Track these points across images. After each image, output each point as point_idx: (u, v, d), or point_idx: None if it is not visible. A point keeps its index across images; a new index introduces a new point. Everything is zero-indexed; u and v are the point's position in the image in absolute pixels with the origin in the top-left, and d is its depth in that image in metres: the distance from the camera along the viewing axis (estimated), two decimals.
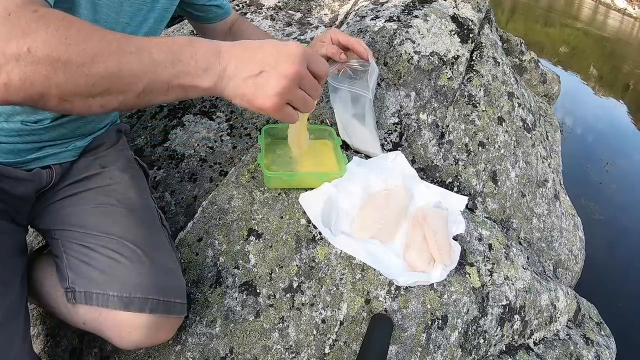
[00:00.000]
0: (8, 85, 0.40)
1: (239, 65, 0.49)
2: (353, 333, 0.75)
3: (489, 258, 0.90)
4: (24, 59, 0.40)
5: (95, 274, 0.61)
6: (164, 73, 0.46)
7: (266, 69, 0.49)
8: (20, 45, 0.40)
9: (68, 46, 0.41)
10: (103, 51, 0.43)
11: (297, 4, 1.47)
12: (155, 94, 0.47)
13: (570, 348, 1.01)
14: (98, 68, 0.42)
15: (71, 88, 0.42)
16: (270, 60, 0.49)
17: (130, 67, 0.44)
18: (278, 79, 0.49)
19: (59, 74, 0.41)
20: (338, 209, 0.82)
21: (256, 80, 0.49)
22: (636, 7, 12.03)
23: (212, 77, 0.48)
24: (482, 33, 1.33)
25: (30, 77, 0.40)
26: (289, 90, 0.50)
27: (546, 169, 1.31)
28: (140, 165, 0.79)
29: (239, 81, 0.49)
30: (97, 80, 0.43)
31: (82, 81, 0.42)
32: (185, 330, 0.70)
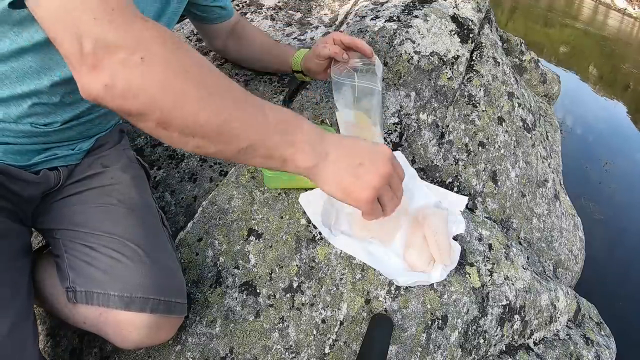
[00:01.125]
0: (109, 88, 0.37)
1: (340, 153, 0.50)
2: (353, 333, 0.75)
3: (489, 258, 0.90)
4: (135, 68, 0.37)
5: (97, 274, 0.61)
6: (272, 138, 0.44)
7: (365, 163, 0.50)
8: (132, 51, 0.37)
9: (186, 73, 0.38)
10: (220, 93, 0.40)
11: (297, 4, 1.47)
12: (254, 157, 0.45)
13: (570, 348, 1.01)
14: (212, 108, 0.39)
15: (175, 118, 0.39)
16: (369, 156, 0.50)
17: (243, 119, 0.42)
18: (375, 174, 0.50)
19: (168, 97, 0.38)
20: (338, 209, 0.82)
21: (356, 171, 0.49)
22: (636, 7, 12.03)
23: (314, 156, 0.48)
24: (482, 33, 1.33)
25: (136, 88, 0.37)
26: (383, 186, 0.51)
27: (546, 169, 1.31)
28: (141, 165, 0.79)
29: (339, 169, 0.49)
30: (206, 121, 0.39)
31: (190, 116, 0.39)
32: (185, 330, 0.70)
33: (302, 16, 1.41)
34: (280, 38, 1.26)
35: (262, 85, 1.10)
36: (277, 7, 1.43)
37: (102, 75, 0.37)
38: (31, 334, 0.56)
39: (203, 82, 0.40)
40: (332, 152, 0.49)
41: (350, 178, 0.49)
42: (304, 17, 1.40)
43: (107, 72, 0.37)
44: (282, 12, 1.40)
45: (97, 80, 0.37)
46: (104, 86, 0.37)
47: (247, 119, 0.42)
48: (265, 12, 1.39)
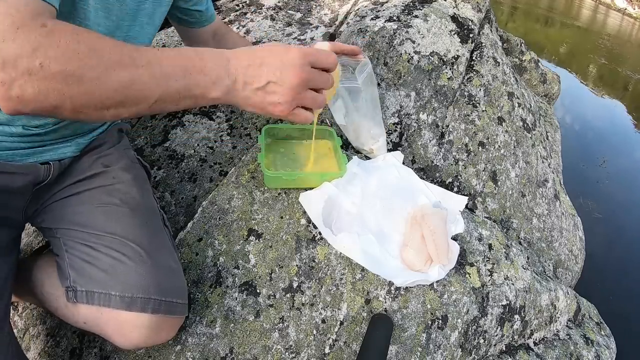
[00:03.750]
0: (21, 98, 0.42)
1: (247, 79, 0.51)
2: (353, 333, 0.75)
3: (489, 258, 0.90)
4: (36, 74, 0.41)
5: (98, 274, 0.61)
6: (174, 85, 0.47)
7: (272, 80, 0.51)
8: (31, 60, 0.41)
9: (80, 61, 0.42)
10: (115, 65, 0.44)
11: (297, 4, 1.47)
12: (167, 104, 0.49)
13: (570, 348, 1.01)
14: (111, 82, 0.44)
15: (85, 101, 0.44)
16: (276, 72, 0.51)
17: (142, 80, 0.45)
18: (284, 90, 0.52)
19: (72, 87, 0.42)
20: (339, 209, 0.82)
21: (264, 92, 0.52)
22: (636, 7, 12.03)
23: (221, 88, 0.50)
24: (482, 33, 1.33)
25: (43, 91, 0.42)
26: (295, 97, 0.53)
27: (546, 169, 1.31)
28: (142, 165, 0.80)
29: (248, 93, 0.52)
30: (111, 94, 0.44)
31: (95, 94, 0.44)
32: (185, 330, 0.70)
33: (302, 16, 1.41)
34: (280, 38, 1.26)
35: None
36: (277, 7, 1.43)
37: (13, 89, 0.41)
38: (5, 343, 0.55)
39: (98, 62, 0.44)
40: (240, 78, 0.51)
41: (260, 98, 0.53)
42: (304, 17, 1.40)
43: (16, 85, 0.41)
44: (282, 12, 1.40)
45: (9, 95, 0.41)
46: (17, 98, 0.41)
47: (147, 79, 0.46)
48: (265, 12, 1.39)
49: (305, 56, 0.53)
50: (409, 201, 0.87)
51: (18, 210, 0.66)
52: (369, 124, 0.93)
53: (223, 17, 1.37)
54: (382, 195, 0.85)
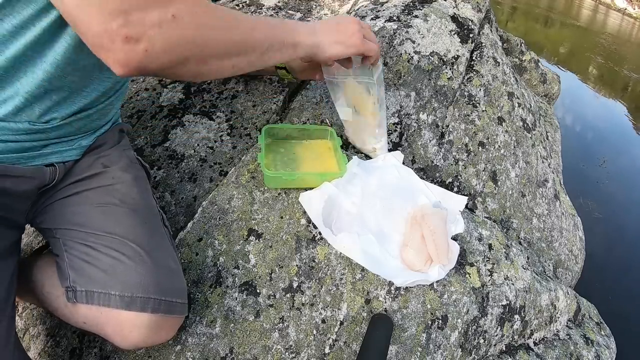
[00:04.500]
0: (149, 51, 0.43)
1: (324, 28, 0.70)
2: (353, 333, 0.75)
3: (489, 258, 0.90)
4: (169, 25, 0.43)
5: (97, 273, 0.61)
6: (281, 35, 0.62)
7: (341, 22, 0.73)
8: (163, 12, 0.43)
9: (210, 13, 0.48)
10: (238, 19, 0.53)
11: (297, 4, 1.47)
12: (274, 52, 0.61)
13: (570, 348, 1.01)
14: (237, 31, 0.52)
15: (213, 49, 0.50)
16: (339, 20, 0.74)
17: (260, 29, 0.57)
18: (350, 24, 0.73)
19: (204, 35, 0.47)
20: (339, 209, 0.82)
21: (338, 30, 0.71)
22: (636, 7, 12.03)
23: (312, 35, 0.68)
24: (482, 33, 1.33)
25: (175, 41, 0.45)
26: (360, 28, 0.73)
27: (546, 169, 1.31)
28: (142, 166, 0.79)
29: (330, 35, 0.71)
30: (238, 40, 0.53)
31: (221, 44, 0.51)
32: (185, 330, 0.70)
33: (302, 16, 1.41)
34: None
35: (262, 85, 1.10)
36: (277, 7, 1.43)
37: (140, 43, 0.42)
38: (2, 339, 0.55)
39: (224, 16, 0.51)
40: (319, 30, 0.69)
41: (339, 35, 0.71)
42: (304, 17, 1.40)
43: (143, 38, 0.42)
44: (282, 12, 1.40)
45: (135, 50, 0.42)
46: (144, 52, 0.43)
47: (262, 28, 0.57)
48: (265, 12, 1.39)
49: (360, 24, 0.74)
50: (409, 201, 0.87)
51: (21, 212, 0.66)
52: (374, 121, 0.93)
53: None
54: (382, 195, 0.85)
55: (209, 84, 1.11)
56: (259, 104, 1.05)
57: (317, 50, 0.69)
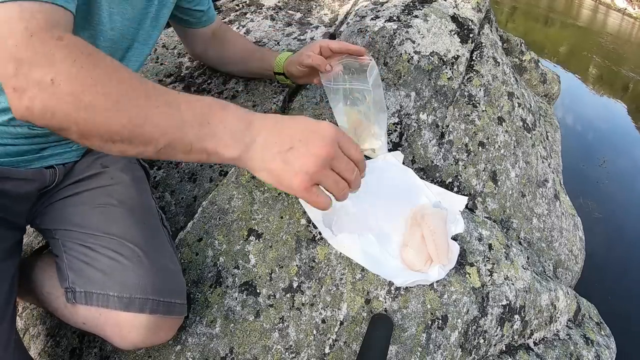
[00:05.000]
0: (30, 109, 0.40)
1: (268, 138, 0.47)
2: (353, 333, 0.75)
3: (489, 258, 0.90)
4: (47, 90, 0.39)
5: (96, 274, 0.61)
6: (189, 133, 0.44)
7: (296, 145, 0.46)
8: (44, 74, 0.39)
9: (92, 87, 0.40)
10: (129, 99, 0.41)
11: (297, 4, 1.47)
12: (176, 152, 0.45)
13: (570, 348, 1.01)
14: (122, 117, 0.41)
15: (92, 129, 0.41)
16: (301, 136, 0.47)
17: (156, 121, 0.42)
18: (308, 157, 0.46)
19: (80, 113, 0.40)
20: (339, 209, 0.82)
21: (285, 156, 0.46)
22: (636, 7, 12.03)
23: (239, 145, 0.46)
24: (482, 33, 1.33)
25: (51, 108, 0.40)
26: (319, 170, 0.47)
27: (546, 169, 1.31)
28: (141, 166, 0.79)
29: (267, 155, 0.46)
30: (119, 128, 0.42)
31: (103, 126, 0.41)
32: (185, 330, 0.70)
33: (302, 16, 1.41)
34: (280, 38, 1.26)
35: (262, 86, 1.10)
36: (277, 7, 1.43)
37: (24, 98, 0.40)
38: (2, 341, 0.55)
39: (112, 92, 0.41)
40: (260, 138, 0.47)
41: (279, 164, 0.46)
42: (304, 17, 1.40)
43: (26, 95, 0.39)
44: (282, 12, 1.40)
45: (20, 103, 0.40)
46: (26, 108, 0.40)
47: (159, 120, 0.43)
48: (265, 12, 1.39)
49: (336, 134, 0.48)
50: (409, 201, 0.87)
51: (22, 214, 0.66)
52: (372, 124, 0.93)
53: (223, 17, 1.37)
54: (382, 196, 0.85)
55: (209, 84, 1.11)
56: (259, 104, 1.05)
57: (242, 165, 0.48)
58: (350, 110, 0.91)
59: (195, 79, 1.12)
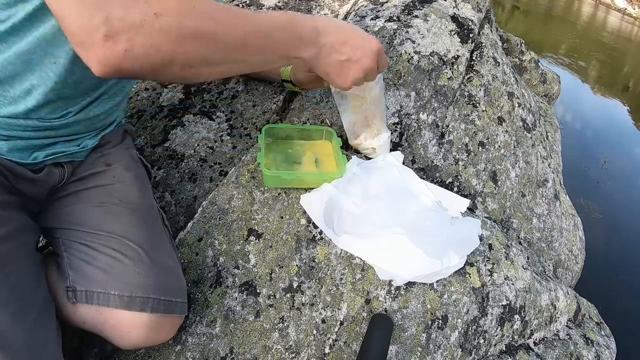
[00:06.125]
0: (129, 52, 0.39)
1: (332, 50, 0.60)
2: (353, 333, 0.75)
3: (489, 258, 0.90)
4: (150, 25, 0.38)
5: (96, 273, 0.61)
6: (278, 47, 0.54)
7: (352, 58, 0.62)
8: (145, 10, 0.38)
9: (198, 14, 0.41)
10: (231, 23, 0.46)
11: (297, 4, 1.47)
12: (268, 64, 0.56)
13: (570, 348, 1.01)
14: (227, 40, 0.46)
15: (199, 56, 0.44)
16: (357, 52, 0.62)
17: (255, 42, 0.50)
18: (358, 70, 0.63)
19: (189, 41, 0.42)
20: (340, 209, 0.82)
21: (342, 65, 0.62)
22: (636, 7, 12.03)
23: (310, 52, 0.59)
24: (482, 33, 1.33)
25: (157, 43, 0.40)
26: (361, 78, 0.65)
27: (546, 169, 1.31)
28: (143, 165, 0.79)
29: (330, 61, 0.61)
30: (225, 52, 0.47)
31: (211, 50, 0.45)
32: (185, 330, 0.70)
33: None
34: None
35: (262, 86, 1.10)
36: (277, 7, 1.43)
37: (119, 42, 0.38)
38: (54, 328, 0.56)
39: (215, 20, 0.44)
40: (326, 47, 0.60)
41: (336, 69, 0.62)
42: None
43: (123, 37, 0.38)
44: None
45: (115, 49, 0.39)
46: (124, 52, 0.39)
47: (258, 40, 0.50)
48: (265, 12, 1.39)
49: (380, 50, 0.64)
50: (409, 201, 0.87)
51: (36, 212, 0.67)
52: (374, 124, 0.93)
53: None
54: (383, 196, 0.85)
55: (209, 84, 1.11)
56: (259, 104, 1.05)
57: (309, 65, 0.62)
58: (353, 110, 0.91)
59: None
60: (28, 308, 0.52)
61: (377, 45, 0.64)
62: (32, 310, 0.53)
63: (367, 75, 0.66)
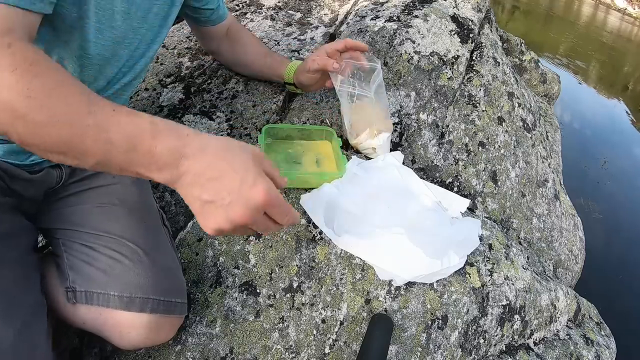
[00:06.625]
0: None
1: (194, 182, 0.44)
2: (353, 333, 0.75)
3: (489, 258, 0.90)
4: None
5: (96, 274, 0.61)
6: (117, 157, 0.43)
7: (217, 202, 0.44)
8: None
9: (27, 98, 0.39)
10: (60, 116, 0.41)
11: (297, 4, 1.47)
12: (111, 169, 0.45)
13: (570, 348, 1.01)
14: (52, 132, 0.41)
15: (28, 139, 0.41)
16: (226, 196, 0.44)
17: (83, 141, 0.41)
18: (223, 220, 0.44)
19: (16, 123, 0.40)
20: (340, 209, 0.82)
21: (204, 207, 0.45)
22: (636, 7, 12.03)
23: (166, 175, 0.45)
24: (482, 33, 1.33)
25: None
26: (230, 230, 0.46)
27: (546, 169, 1.31)
28: None
29: (190, 195, 0.45)
30: (51, 142, 0.41)
31: (37, 137, 0.41)
32: (185, 330, 0.70)
33: (302, 16, 1.41)
34: (280, 38, 1.26)
35: (262, 85, 1.10)
36: (277, 7, 1.43)
37: None
38: (44, 330, 0.55)
39: (47, 106, 0.40)
40: (187, 178, 0.45)
41: (197, 209, 0.46)
42: (304, 17, 1.40)
43: None
44: (282, 12, 1.40)
45: None
46: None
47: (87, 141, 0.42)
48: (265, 12, 1.39)
49: (266, 204, 0.45)
50: (409, 201, 0.87)
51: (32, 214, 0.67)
52: (375, 124, 0.93)
53: None
54: (382, 196, 0.85)
55: (209, 84, 1.11)
56: (259, 104, 1.05)
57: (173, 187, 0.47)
58: (354, 111, 0.91)
59: (195, 79, 1.12)
60: (17, 310, 0.52)
61: (261, 198, 0.44)
62: (22, 312, 0.53)
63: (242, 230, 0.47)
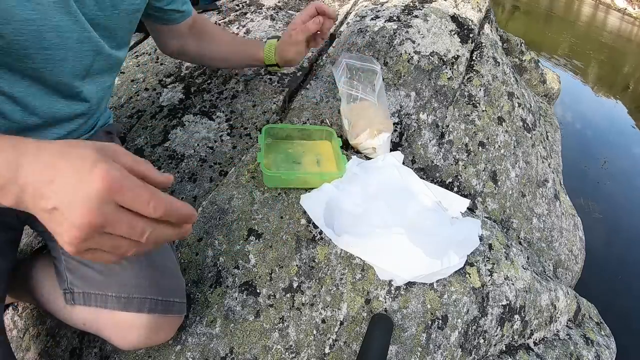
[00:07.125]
0: None
1: (36, 193, 0.36)
2: (353, 333, 0.75)
3: (489, 258, 0.90)
4: None
5: (94, 275, 0.60)
6: None
7: (58, 207, 0.36)
8: None
9: None
10: None
11: (297, 4, 1.47)
12: None
13: (570, 348, 1.01)
14: None
15: None
16: (64, 198, 0.35)
17: None
18: (69, 228, 0.35)
19: None
20: (340, 209, 0.82)
21: (49, 219, 0.37)
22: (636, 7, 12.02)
23: (9, 198, 0.37)
24: (482, 33, 1.33)
25: None
26: (85, 241, 0.36)
27: (546, 169, 1.31)
28: None
29: (39, 211, 0.37)
30: None
31: None
32: (185, 330, 0.70)
33: None
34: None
35: (262, 85, 1.10)
36: (277, 7, 1.43)
37: None
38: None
39: None
40: (28, 191, 0.37)
41: (49, 225, 0.37)
42: None
43: None
44: (282, 12, 1.40)
45: None
46: None
47: None
48: (265, 12, 1.39)
49: (111, 192, 0.35)
50: (409, 201, 0.87)
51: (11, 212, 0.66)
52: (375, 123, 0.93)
53: (223, 17, 1.37)
54: (382, 196, 0.85)
55: (209, 84, 1.11)
56: (259, 104, 1.05)
57: None
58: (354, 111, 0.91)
59: (195, 79, 1.12)
60: None
61: (100, 182, 0.34)
62: None
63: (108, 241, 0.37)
